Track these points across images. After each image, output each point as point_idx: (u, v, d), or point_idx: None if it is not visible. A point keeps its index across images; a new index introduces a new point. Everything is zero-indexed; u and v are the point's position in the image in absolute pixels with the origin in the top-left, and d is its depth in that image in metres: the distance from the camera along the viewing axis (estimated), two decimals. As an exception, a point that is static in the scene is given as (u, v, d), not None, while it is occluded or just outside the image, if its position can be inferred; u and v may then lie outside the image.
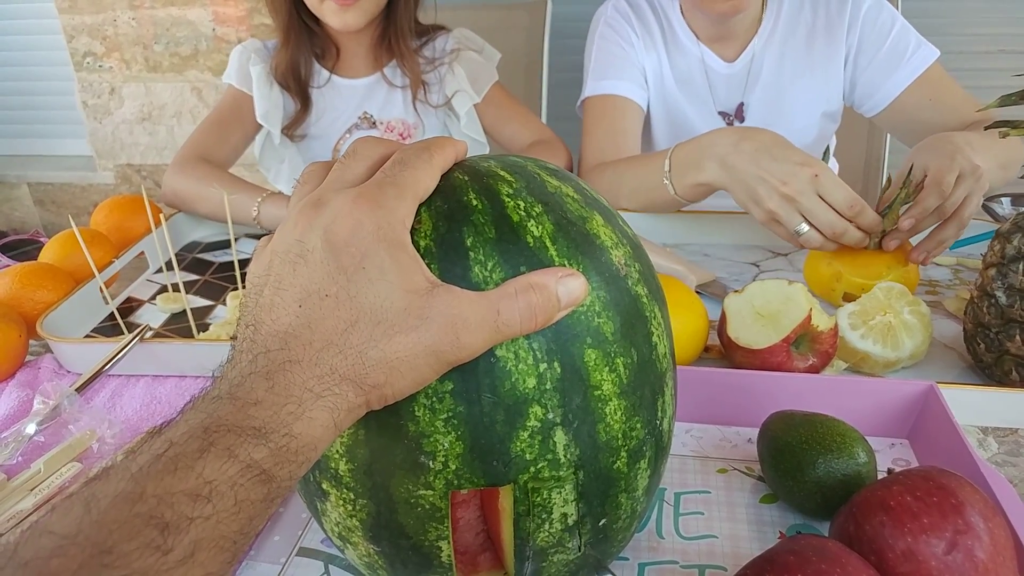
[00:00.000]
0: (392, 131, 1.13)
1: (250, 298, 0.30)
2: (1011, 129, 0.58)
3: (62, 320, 0.71)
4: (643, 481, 0.36)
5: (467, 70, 1.09)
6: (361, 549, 0.36)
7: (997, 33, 1.74)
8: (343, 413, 0.28)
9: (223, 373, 0.29)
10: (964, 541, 0.34)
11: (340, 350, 0.28)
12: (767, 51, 1.03)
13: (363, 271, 0.29)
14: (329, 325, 0.28)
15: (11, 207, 2.54)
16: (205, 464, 0.24)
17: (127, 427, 0.60)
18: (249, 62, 1.07)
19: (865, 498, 0.38)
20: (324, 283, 0.29)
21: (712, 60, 1.05)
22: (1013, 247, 0.57)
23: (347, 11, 0.98)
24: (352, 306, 0.28)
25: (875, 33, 0.98)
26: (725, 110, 1.08)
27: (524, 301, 0.30)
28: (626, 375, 0.33)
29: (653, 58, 1.07)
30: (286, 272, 0.29)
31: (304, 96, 1.09)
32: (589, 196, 0.36)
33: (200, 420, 0.26)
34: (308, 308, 0.28)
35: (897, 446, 0.54)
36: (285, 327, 0.28)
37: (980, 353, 0.61)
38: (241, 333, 0.30)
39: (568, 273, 0.31)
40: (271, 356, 0.28)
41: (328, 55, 1.10)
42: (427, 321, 0.29)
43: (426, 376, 0.29)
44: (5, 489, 0.52)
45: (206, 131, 1.09)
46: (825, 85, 1.04)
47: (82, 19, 2.14)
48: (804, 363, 0.58)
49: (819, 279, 0.74)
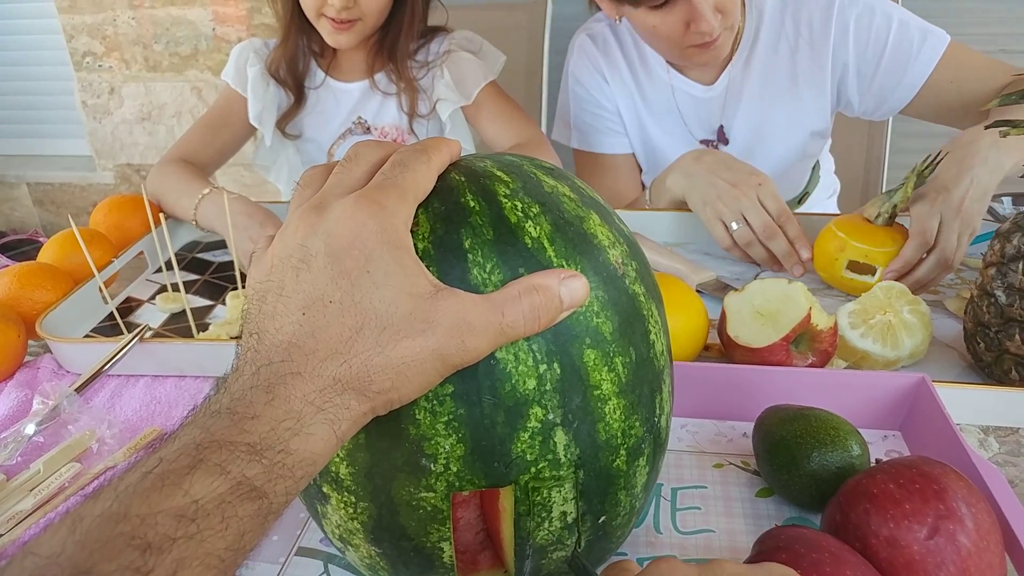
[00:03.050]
0: (386, 136, 1.12)
1: (252, 305, 0.30)
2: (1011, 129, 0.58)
3: (61, 320, 0.71)
4: (642, 478, 0.36)
5: (455, 72, 1.07)
6: (362, 551, 0.36)
7: (997, 33, 1.74)
8: (346, 424, 0.28)
9: (226, 385, 0.28)
10: (946, 526, 0.35)
11: (344, 359, 0.27)
12: (746, 73, 1.01)
13: (367, 275, 0.28)
14: (333, 333, 0.28)
15: (10, 207, 2.54)
16: (193, 481, 0.24)
17: (127, 427, 0.60)
18: (247, 63, 1.07)
19: (851, 487, 0.39)
20: (328, 289, 0.28)
21: (688, 86, 1.03)
22: (1013, 246, 0.57)
23: (341, 33, 0.98)
24: (357, 312, 0.28)
25: (872, 40, 0.95)
26: (706, 137, 1.07)
27: (527, 303, 0.30)
28: (625, 374, 0.33)
29: (625, 95, 1.06)
30: (289, 278, 0.29)
31: (299, 91, 1.09)
32: (585, 195, 0.36)
33: (194, 436, 0.25)
34: (312, 316, 0.28)
35: (890, 438, 0.54)
36: (288, 337, 0.28)
37: (980, 352, 0.61)
38: (245, 342, 0.29)
39: (570, 274, 0.31)
40: (273, 368, 0.27)
41: (325, 54, 1.09)
42: (433, 325, 0.28)
43: (432, 380, 0.29)
44: (5, 489, 0.52)
45: (194, 132, 1.09)
46: (812, 103, 1.01)
47: (82, 19, 2.14)
48: (804, 362, 0.58)
49: (823, 252, 0.76)
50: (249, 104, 1.06)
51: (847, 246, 0.74)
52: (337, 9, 0.94)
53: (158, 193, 0.97)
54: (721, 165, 0.82)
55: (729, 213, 0.80)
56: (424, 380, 0.29)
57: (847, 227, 0.76)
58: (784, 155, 1.05)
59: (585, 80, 1.07)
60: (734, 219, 0.79)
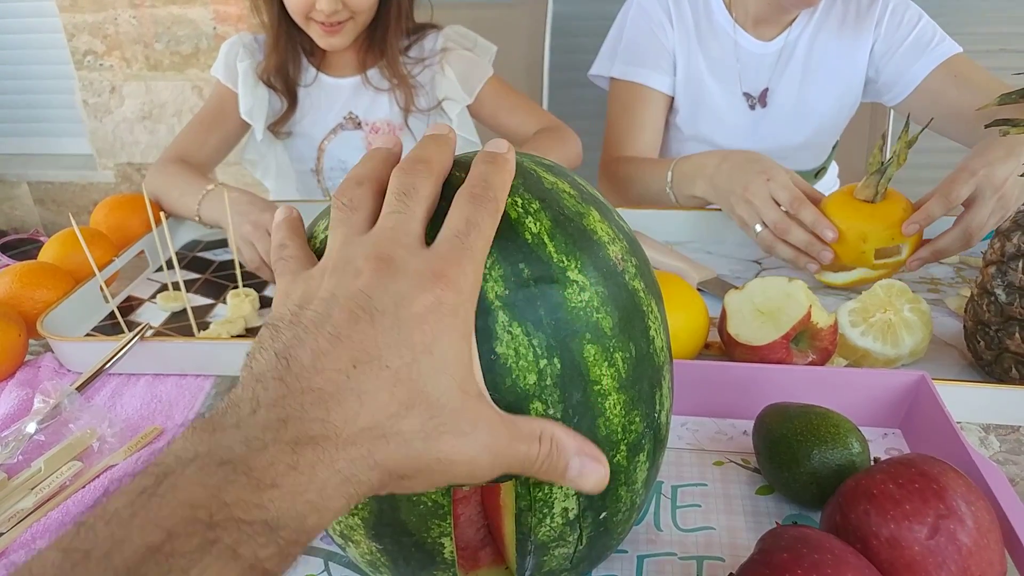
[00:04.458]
0: (377, 132, 1.12)
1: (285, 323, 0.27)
2: (1012, 128, 0.58)
3: (62, 319, 0.71)
4: (642, 474, 0.36)
5: (458, 70, 1.07)
6: (363, 547, 0.36)
7: (997, 32, 1.74)
8: (358, 498, 0.25)
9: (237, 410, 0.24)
10: (946, 525, 0.35)
11: (383, 434, 0.25)
12: (802, 37, 1.06)
13: (430, 355, 0.26)
14: (381, 401, 0.25)
15: (11, 206, 2.54)
16: (203, 570, 0.21)
17: (128, 426, 0.60)
18: (237, 57, 1.07)
19: (850, 487, 0.39)
20: (387, 353, 0.25)
21: (747, 41, 1.06)
22: (1013, 245, 0.57)
23: (333, 36, 0.98)
24: (411, 388, 0.26)
25: (901, 26, 1.02)
26: (750, 92, 1.10)
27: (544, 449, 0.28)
28: (625, 369, 0.33)
29: (684, 41, 1.08)
30: (341, 318, 0.26)
31: (291, 95, 1.09)
32: (585, 191, 0.36)
33: (204, 495, 0.22)
34: (363, 374, 0.25)
35: (890, 436, 0.54)
36: (332, 389, 0.25)
37: (980, 351, 0.61)
38: (268, 361, 0.26)
39: (597, 455, 0.30)
40: (305, 425, 0.24)
41: (316, 52, 1.09)
42: (477, 431, 0.27)
43: (441, 484, 0.27)
44: (6, 488, 0.52)
45: (189, 131, 1.09)
46: (848, 76, 1.07)
47: (83, 17, 2.15)
48: (804, 360, 0.58)
49: (847, 249, 0.75)
50: (240, 99, 1.06)
51: (868, 236, 0.73)
52: (326, 14, 0.94)
53: (159, 192, 0.97)
54: (738, 171, 0.82)
55: (749, 218, 0.80)
56: (440, 481, 0.27)
57: (853, 214, 0.74)
58: (819, 125, 1.11)
59: (652, 11, 1.09)
60: (755, 223, 0.80)
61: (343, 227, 0.30)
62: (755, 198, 0.78)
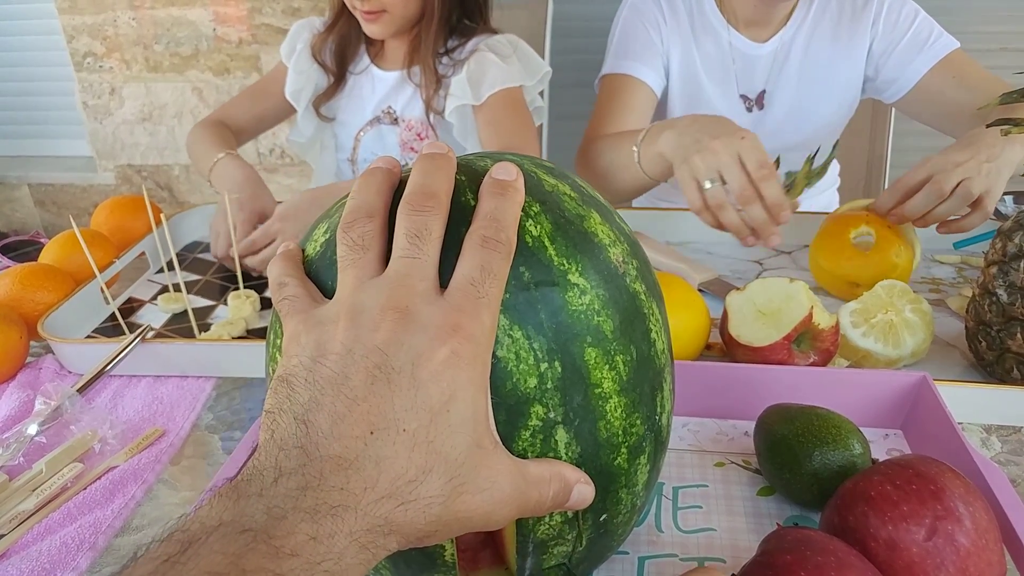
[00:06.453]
0: (411, 130, 1.13)
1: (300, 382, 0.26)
2: (1012, 127, 0.58)
3: (63, 321, 0.71)
4: (643, 476, 0.36)
5: (473, 71, 1.06)
6: (363, 548, 0.36)
7: (998, 31, 1.74)
8: (375, 563, 0.25)
9: (260, 481, 0.24)
10: (944, 526, 0.35)
11: (402, 502, 0.25)
12: (796, 39, 1.05)
13: (447, 414, 0.26)
14: (399, 467, 0.25)
15: (11, 208, 2.54)
16: None
17: (129, 427, 0.60)
18: (299, 39, 1.12)
19: (848, 489, 0.39)
20: (404, 415, 0.25)
21: (741, 42, 1.06)
22: (1014, 245, 0.57)
23: (372, 23, 1.01)
24: (428, 451, 0.25)
25: (898, 24, 1.01)
26: (747, 94, 1.09)
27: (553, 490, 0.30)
28: (626, 372, 0.33)
29: (679, 42, 1.08)
30: (358, 378, 0.26)
31: (341, 74, 1.12)
32: (586, 193, 0.36)
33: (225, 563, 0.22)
34: (380, 440, 0.25)
35: (891, 437, 0.54)
36: (352, 456, 0.24)
37: (981, 351, 0.61)
38: (286, 425, 0.25)
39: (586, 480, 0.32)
40: (324, 494, 0.24)
41: (374, 42, 1.12)
42: (494, 487, 0.27)
43: (460, 534, 0.27)
44: (7, 490, 0.52)
45: (239, 97, 1.19)
46: (846, 76, 1.06)
47: (82, 19, 2.15)
48: (805, 361, 0.58)
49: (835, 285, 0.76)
50: (288, 78, 1.11)
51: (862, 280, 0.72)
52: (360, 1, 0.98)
53: (189, 148, 1.08)
54: (714, 123, 0.76)
55: (704, 170, 0.73)
56: (457, 534, 0.27)
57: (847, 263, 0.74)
58: (818, 126, 1.10)
59: (644, 9, 1.08)
60: (708, 177, 0.73)
61: (354, 269, 0.29)
62: (722, 151, 0.71)
